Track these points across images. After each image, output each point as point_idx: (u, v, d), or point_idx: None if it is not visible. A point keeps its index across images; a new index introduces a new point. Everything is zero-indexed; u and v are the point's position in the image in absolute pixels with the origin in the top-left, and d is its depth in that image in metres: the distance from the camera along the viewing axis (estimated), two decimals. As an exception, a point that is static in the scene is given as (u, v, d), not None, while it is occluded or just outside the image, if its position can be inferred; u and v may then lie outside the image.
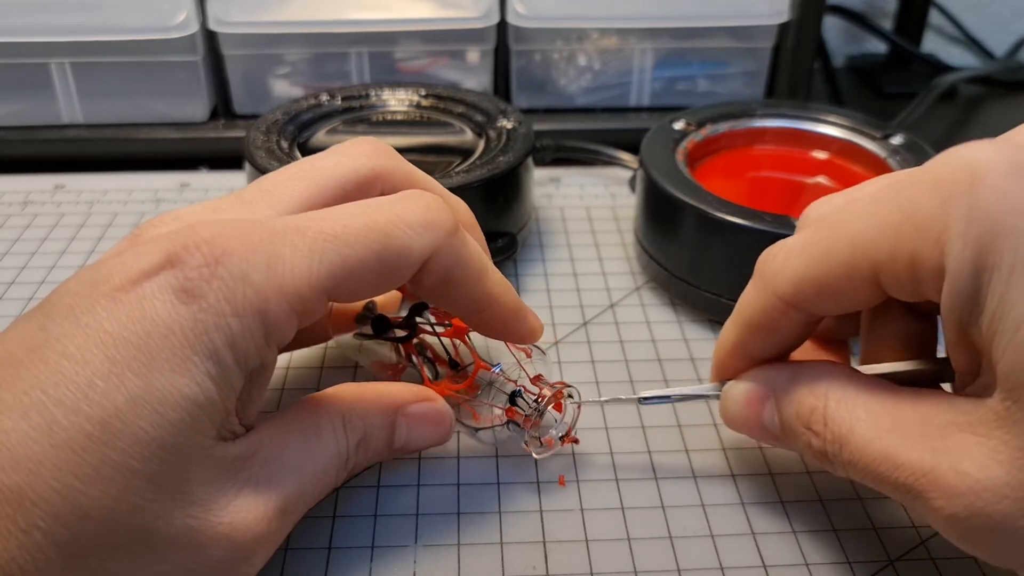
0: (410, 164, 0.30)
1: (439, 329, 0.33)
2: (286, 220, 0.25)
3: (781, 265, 0.27)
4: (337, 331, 0.35)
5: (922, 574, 0.29)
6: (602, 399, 0.33)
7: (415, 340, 0.33)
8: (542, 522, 0.31)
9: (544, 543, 0.30)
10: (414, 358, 0.33)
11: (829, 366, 0.28)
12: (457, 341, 0.32)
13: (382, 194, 0.29)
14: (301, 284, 0.24)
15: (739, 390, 0.29)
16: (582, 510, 0.31)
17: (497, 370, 0.31)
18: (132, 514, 0.22)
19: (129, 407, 0.22)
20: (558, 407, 0.32)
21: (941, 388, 0.27)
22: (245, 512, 0.24)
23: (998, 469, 0.22)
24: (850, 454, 0.25)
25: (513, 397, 0.31)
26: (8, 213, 0.50)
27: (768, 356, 0.29)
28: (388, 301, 0.34)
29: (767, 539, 0.30)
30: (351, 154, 0.29)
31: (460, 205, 0.32)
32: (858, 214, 0.25)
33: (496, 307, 0.29)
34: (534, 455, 0.32)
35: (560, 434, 0.32)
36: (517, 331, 0.31)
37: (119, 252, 0.25)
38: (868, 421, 0.25)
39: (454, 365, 0.32)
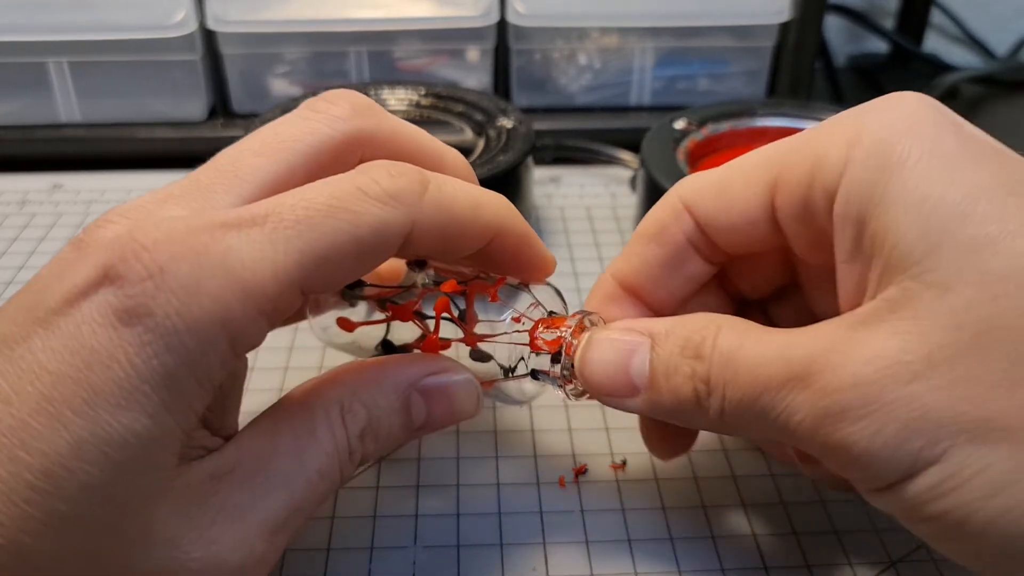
0: (394, 118, 0.27)
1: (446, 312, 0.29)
2: (239, 211, 0.22)
3: (691, 176, 0.28)
4: (315, 310, 0.31)
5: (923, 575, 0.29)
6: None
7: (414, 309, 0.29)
8: (542, 523, 0.30)
9: (544, 544, 0.30)
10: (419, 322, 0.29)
11: (716, 313, 0.26)
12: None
13: (363, 161, 0.25)
14: (265, 281, 0.21)
15: (604, 337, 0.26)
16: (582, 511, 0.31)
17: (508, 314, 0.28)
18: (91, 565, 0.21)
19: (72, 452, 0.19)
20: (580, 329, 0.28)
21: None
22: (221, 543, 0.22)
23: (894, 340, 0.21)
24: (736, 364, 0.24)
25: (535, 375, 0.28)
26: (6, 213, 0.50)
27: (649, 288, 0.28)
28: (389, 271, 0.31)
29: (768, 540, 0.30)
30: (325, 116, 0.25)
31: (453, 157, 0.29)
32: (785, 139, 0.26)
33: (502, 236, 0.27)
34: (573, 400, 0.29)
35: None
36: (529, 259, 0.28)
37: (61, 263, 0.22)
38: (759, 337, 0.24)
39: (462, 316, 0.28)
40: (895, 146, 0.23)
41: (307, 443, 0.24)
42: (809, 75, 0.57)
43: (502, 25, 0.55)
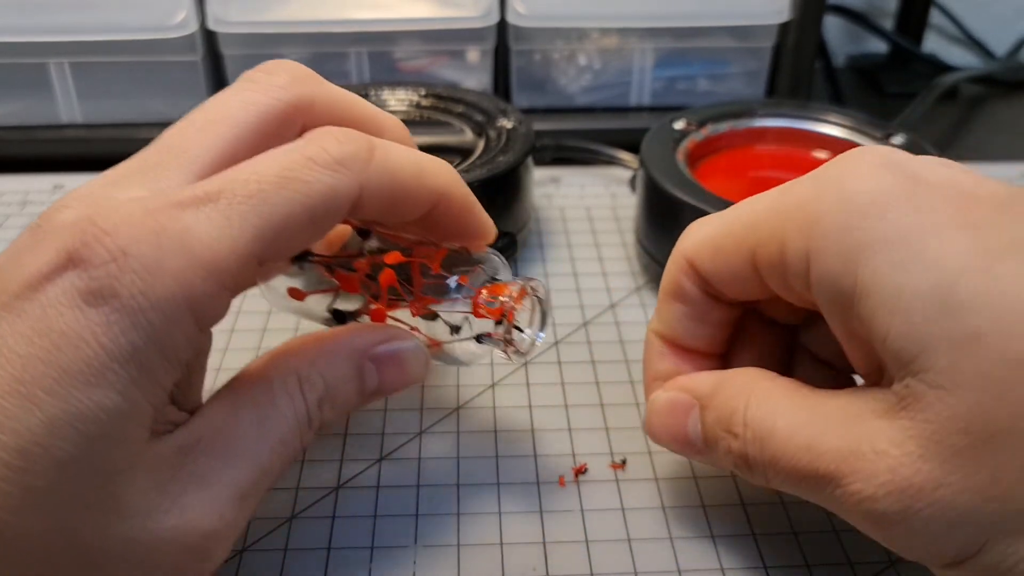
0: (333, 85, 0.28)
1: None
2: (193, 189, 0.22)
3: (694, 229, 0.28)
4: (263, 276, 0.31)
5: (923, 575, 0.29)
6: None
7: (364, 273, 0.30)
8: (542, 523, 0.30)
9: (544, 544, 0.30)
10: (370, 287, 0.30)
11: (754, 371, 0.27)
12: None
13: (304, 129, 0.26)
14: (225, 257, 0.22)
15: (663, 400, 0.29)
16: (582, 511, 0.31)
17: (452, 282, 0.29)
18: (67, 538, 0.21)
19: (45, 430, 0.20)
20: (522, 295, 0.29)
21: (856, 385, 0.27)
22: (192, 511, 0.23)
23: (912, 444, 0.22)
24: (771, 451, 0.25)
25: (479, 339, 0.29)
26: (7, 213, 0.50)
27: (687, 340, 0.29)
28: (337, 234, 0.31)
29: (768, 540, 0.30)
30: (264, 86, 0.26)
31: (392, 123, 0.30)
32: (763, 196, 0.26)
33: (445, 201, 0.27)
34: (515, 361, 0.29)
35: (535, 335, 0.30)
36: (471, 225, 0.29)
37: (19, 249, 0.22)
38: (788, 417, 0.25)
39: (408, 280, 0.29)
40: (854, 232, 0.23)
41: (268, 413, 0.25)
42: (809, 75, 0.57)
43: (502, 26, 0.56)
